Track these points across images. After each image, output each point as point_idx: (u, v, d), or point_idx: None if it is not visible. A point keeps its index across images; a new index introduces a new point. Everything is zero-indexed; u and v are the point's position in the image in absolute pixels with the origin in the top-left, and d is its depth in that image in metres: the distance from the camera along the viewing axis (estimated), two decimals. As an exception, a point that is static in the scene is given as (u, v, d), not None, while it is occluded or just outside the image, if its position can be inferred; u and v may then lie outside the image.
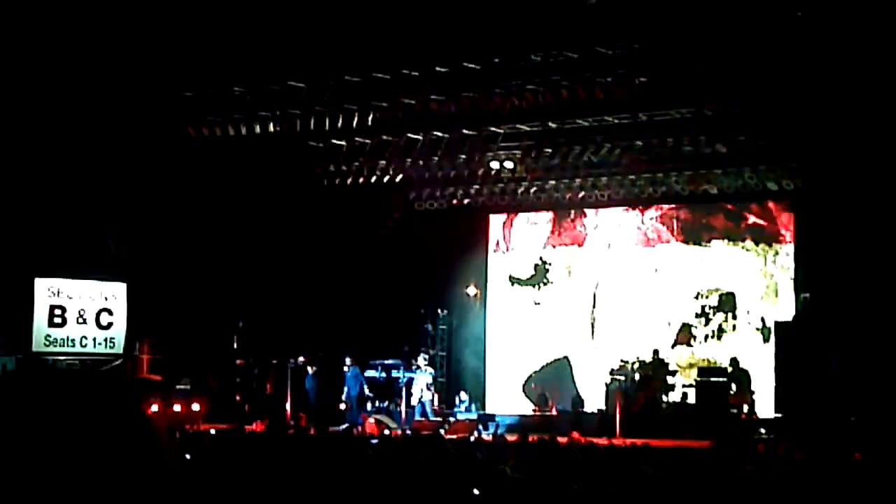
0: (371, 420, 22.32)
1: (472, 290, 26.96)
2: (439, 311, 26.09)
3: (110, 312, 20.68)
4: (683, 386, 22.73)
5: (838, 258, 21.44)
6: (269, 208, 23.37)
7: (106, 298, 20.66)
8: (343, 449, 12.80)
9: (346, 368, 23.72)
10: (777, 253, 24.34)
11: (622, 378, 22.85)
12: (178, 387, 21.96)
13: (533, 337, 26.40)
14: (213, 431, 15.94)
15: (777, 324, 20.86)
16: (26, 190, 19.73)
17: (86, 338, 20.60)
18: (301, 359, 23.53)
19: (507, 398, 26.04)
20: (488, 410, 25.05)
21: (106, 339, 20.68)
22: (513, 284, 26.97)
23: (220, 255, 22.96)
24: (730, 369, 22.25)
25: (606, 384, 23.17)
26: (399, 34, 17.78)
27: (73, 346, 20.48)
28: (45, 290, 20.36)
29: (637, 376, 22.78)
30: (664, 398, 22.58)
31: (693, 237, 25.21)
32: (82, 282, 20.67)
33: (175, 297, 21.89)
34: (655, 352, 23.34)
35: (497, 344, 26.85)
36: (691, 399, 22.21)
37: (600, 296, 25.89)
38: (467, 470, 8.83)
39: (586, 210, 26.13)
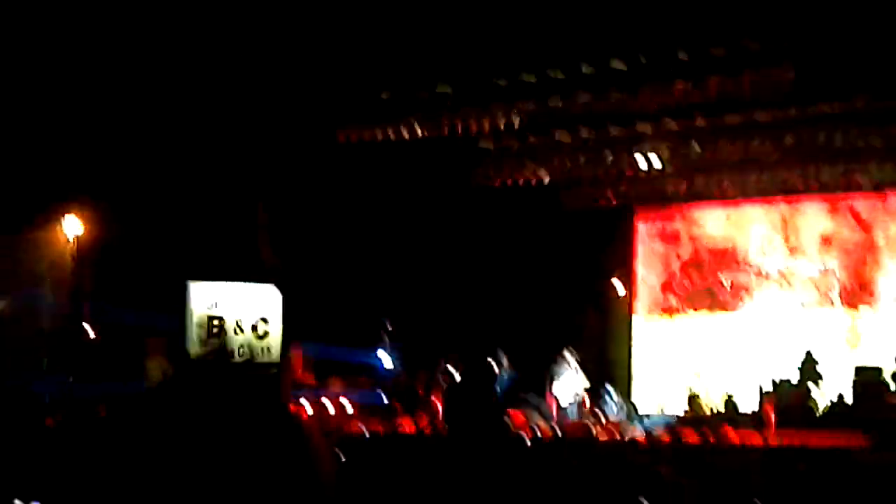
0: (519, 416, 22.33)
1: (620, 290, 26.82)
2: (589, 309, 25.98)
3: (266, 321, 21.02)
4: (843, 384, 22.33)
5: None
6: (418, 213, 23.57)
7: (262, 306, 21.00)
8: (498, 451, 12.87)
9: (502, 370, 23.77)
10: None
11: (777, 379, 22.54)
12: (329, 387, 22.29)
13: (682, 339, 26.21)
14: (366, 433, 16.16)
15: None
16: (184, 200, 20.21)
17: (242, 346, 20.99)
18: (451, 360, 23.67)
19: (657, 398, 25.85)
20: (639, 411, 24.92)
21: (262, 349, 21.03)
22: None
23: (369, 259, 23.24)
24: (886, 369, 21.83)
25: (760, 386, 22.89)
26: (544, 34, 17.82)
27: (232, 356, 20.85)
28: (202, 298, 20.75)
29: (792, 378, 22.46)
30: (816, 398, 22.21)
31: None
32: (237, 286, 21.04)
33: (326, 301, 22.21)
34: (808, 353, 22.96)
35: (645, 344, 26.68)
36: (848, 399, 21.82)
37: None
38: (620, 472, 8.83)
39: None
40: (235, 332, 21.14)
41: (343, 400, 22.17)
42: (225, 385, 2.30)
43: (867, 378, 21.66)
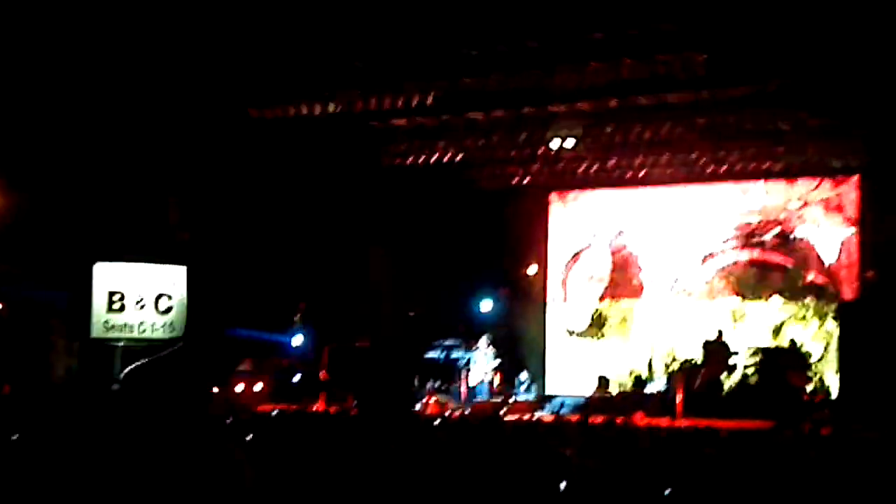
0: (432, 400, 22.37)
1: (532, 270, 26.90)
2: (500, 291, 25.99)
3: (169, 297, 20.82)
4: (745, 367, 22.56)
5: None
6: (329, 190, 23.38)
7: (165, 283, 20.80)
8: (407, 430, 12.79)
9: (406, 350, 23.81)
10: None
11: (684, 359, 22.75)
12: (239, 368, 22.12)
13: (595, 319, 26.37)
14: (275, 412, 15.98)
15: (840, 304, 20.63)
16: (85, 175, 19.87)
17: (144, 322, 20.76)
18: (360, 341, 23.59)
19: (568, 379, 25.98)
20: (549, 391, 25.03)
21: (165, 324, 20.83)
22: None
23: (279, 237, 23.03)
24: (789, 351, 22.11)
25: (667, 364, 23.08)
26: (460, 13, 17.68)
27: (132, 331, 20.65)
28: (104, 276, 20.52)
29: (700, 357, 22.67)
30: (725, 379, 22.43)
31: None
32: (141, 266, 20.82)
33: (235, 280, 21.98)
34: (720, 332, 23.18)
35: (558, 324, 26.79)
36: (752, 380, 22.06)
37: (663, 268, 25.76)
38: (526, 452, 8.78)
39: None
40: (137, 308, 20.85)
41: (251, 378, 22.03)
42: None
43: (770, 359, 21.92)
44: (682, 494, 7.24)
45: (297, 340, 23.96)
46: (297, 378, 23.26)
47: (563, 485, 7.05)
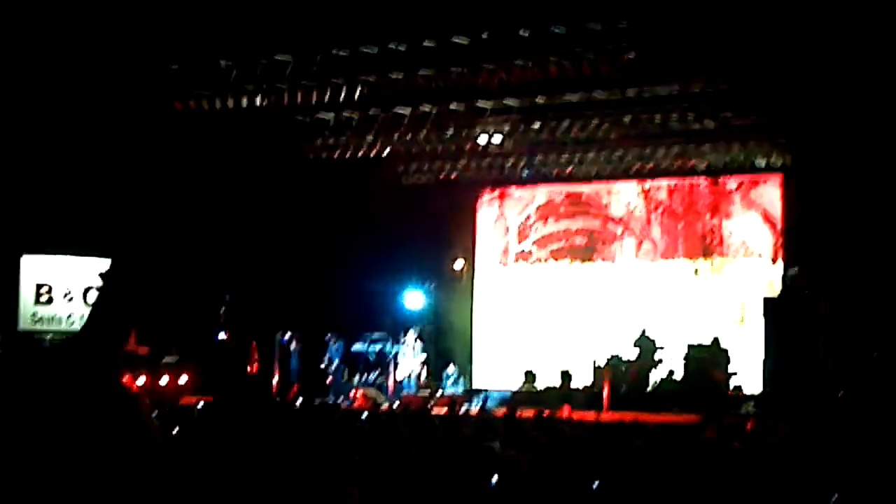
0: (359, 394, 22.33)
1: (459, 265, 26.95)
2: (427, 285, 26.00)
3: (98, 289, 20.66)
4: (670, 363, 22.76)
5: (826, 233, 21.50)
6: (256, 183, 23.26)
7: (93, 276, 20.63)
8: (332, 422, 12.74)
9: (330, 343, 23.79)
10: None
11: (611, 355, 22.88)
12: (165, 360, 21.94)
13: (522, 314, 26.46)
14: (200, 404, 15.87)
15: (766, 300, 20.85)
16: (11, 167, 19.62)
17: (72, 315, 20.63)
18: (287, 333, 23.50)
19: (494, 373, 26.07)
20: (476, 385, 25.09)
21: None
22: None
23: (206, 229, 22.87)
24: (712, 347, 22.34)
25: (594, 360, 23.19)
26: (386, 8, 17.67)
27: (60, 323, 20.50)
28: (32, 268, 20.36)
29: (627, 355, 22.83)
30: (651, 374, 22.59)
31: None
32: (69, 259, 20.66)
33: (161, 271, 21.77)
34: (643, 329, 23.37)
35: (484, 318, 26.88)
36: (677, 376, 22.25)
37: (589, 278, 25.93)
38: (454, 446, 8.79)
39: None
40: (65, 301, 20.73)
41: (177, 370, 21.86)
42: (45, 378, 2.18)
43: (697, 355, 22.11)
44: (610, 487, 7.29)
45: (222, 335, 23.80)
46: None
47: (493, 479, 7.07)
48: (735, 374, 22.07)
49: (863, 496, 6.94)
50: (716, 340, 22.43)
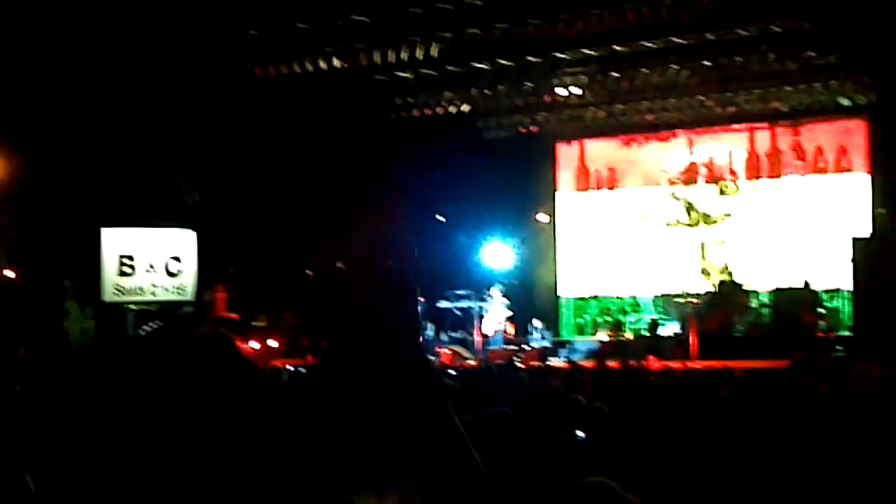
0: (445, 350, 22.43)
1: (542, 218, 26.93)
2: (511, 240, 25.98)
3: (179, 260, 20.98)
4: (756, 307, 22.61)
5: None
6: (339, 147, 23.35)
7: (175, 247, 20.96)
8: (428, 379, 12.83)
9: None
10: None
11: (697, 300, 22.78)
12: (253, 324, 22.20)
13: (605, 256, 26.45)
14: (290, 368, 16.08)
15: (854, 240, 20.60)
16: (91, 139, 19.87)
17: (156, 286, 20.92)
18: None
19: (582, 324, 26.12)
20: (562, 338, 25.11)
21: (176, 287, 20.99)
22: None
23: (290, 195, 23.03)
24: (801, 290, 22.16)
25: (680, 305, 23.12)
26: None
27: (143, 294, 20.82)
28: (113, 241, 20.65)
29: (712, 298, 22.73)
30: (738, 320, 22.48)
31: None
32: (149, 231, 20.95)
33: (247, 240, 22.03)
34: (729, 273, 23.25)
35: (569, 271, 26.87)
36: (765, 320, 22.13)
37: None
38: (540, 398, 8.83)
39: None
40: (147, 272, 21.04)
41: (266, 334, 22.12)
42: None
43: (785, 300, 21.95)
44: (698, 435, 7.29)
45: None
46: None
47: (579, 433, 7.09)
48: (826, 315, 21.90)
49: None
50: (805, 283, 22.26)
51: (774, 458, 6.13)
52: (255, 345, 21.62)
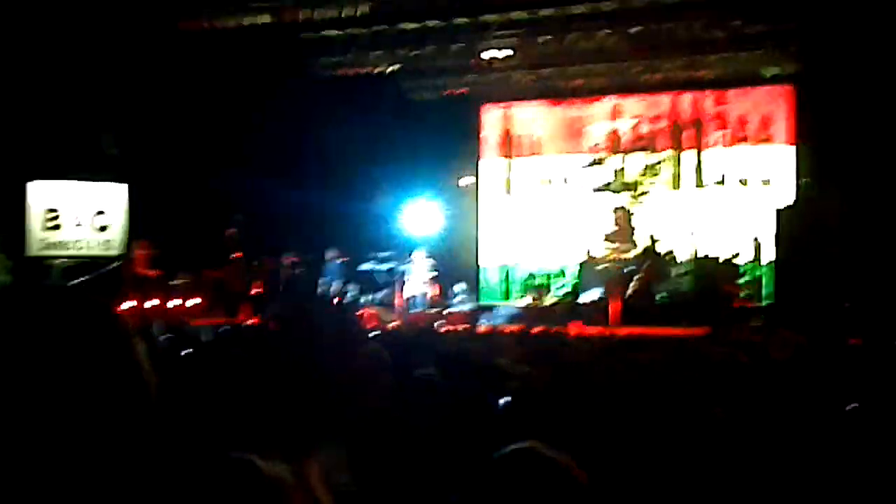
0: (369, 311, 22.37)
1: (465, 181, 26.92)
2: (435, 203, 25.92)
3: (106, 214, 20.73)
4: (678, 276, 22.77)
5: (839, 144, 21.39)
6: (263, 102, 23.14)
7: (104, 201, 20.69)
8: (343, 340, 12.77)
9: (331, 260, 23.78)
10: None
11: (618, 266, 22.89)
12: (175, 282, 21.99)
13: (527, 223, 26.49)
14: (225, 327, 15.93)
15: (778, 211, 20.77)
16: (14, 93, 19.51)
17: (82, 240, 20.65)
18: (292, 256, 23.48)
19: (503, 288, 26.17)
20: (484, 302, 25.13)
21: (103, 242, 20.74)
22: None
23: (215, 151, 22.81)
24: (722, 260, 22.38)
25: (601, 271, 23.21)
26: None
27: (69, 249, 20.54)
28: (40, 194, 20.34)
29: (634, 265, 22.85)
30: (660, 287, 22.62)
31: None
32: (77, 184, 20.65)
33: (172, 196, 21.80)
34: (652, 240, 23.39)
35: (491, 235, 26.90)
36: (686, 288, 22.29)
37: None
38: (461, 362, 8.79)
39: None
40: (76, 227, 20.76)
41: (187, 292, 21.92)
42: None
43: (705, 268, 22.14)
44: (617, 402, 7.30)
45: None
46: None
47: (503, 399, 7.06)
48: (745, 285, 22.13)
49: (875, 406, 6.94)
50: (729, 254, 22.47)
51: (695, 424, 6.15)
52: (176, 302, 21.43)
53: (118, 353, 2.09)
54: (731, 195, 24.55)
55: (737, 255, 22.66)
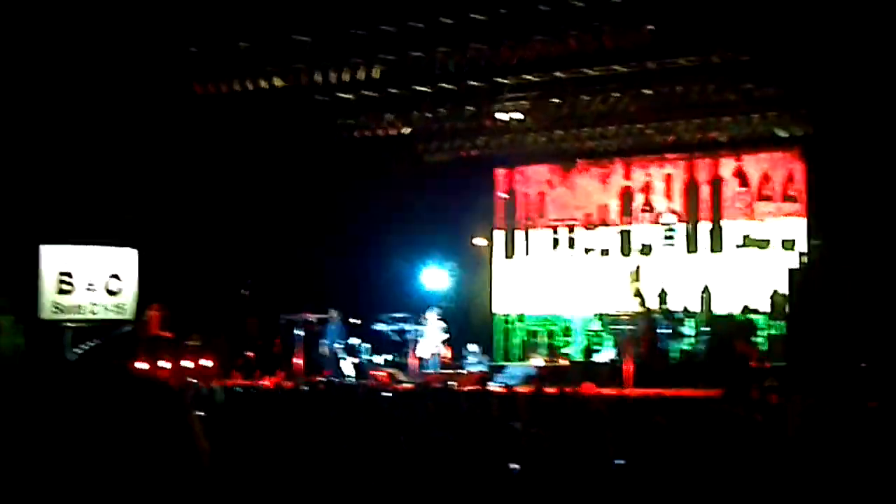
0: (381, 373, 22.37)
1: (479, 242, 26.98)
2: (448, 264, 25.98)
3: (119, 278, 20.83)
4: (691, 335, 22.72)
5: (850, 205, 21.42)
6: (277, 165, 23.29)
7: (115, 265, 20.80)
8: (354, 400, 12.78)
9: (333, 321, 23.70)
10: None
11: (631, 326, 22.85)
12: (188, 343, 22.04)
13: (541, 286, 26.50)
14: (238, 388, 15.98)
15: (791, 271, 20.76)
16: (29, 156, 19.65)
17: (95, 304, 20.76)
18: (309, 315, 23.49)
19: (516, 349, 26.15)
20: (498, 362, 25.10)
21: (116, 306, 20.83)
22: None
23: (227, 213, 22.93)
24: (736, 319, 22.36)
25: (615, 333, 23.19)
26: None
27: (82, 312, 20.63)
28: (53, 258, 20.45)
29: (645, 324, 22.81)
30: (672, 347, 22.57)
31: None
32: (90, 248, 20.77)
33: (186, 259, 21.91)
34: (663, 299, 23.39)
35: (505, 296, 26.92)
36: (701, 347, 22.25)
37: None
38: (476, 422, 8.80)
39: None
40: (87, 290, 20.86)
41: (201, 354, 21.96)
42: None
43: (719, 328, 22.10)
44: (634, 463, 7.29)
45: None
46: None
47: (515, 463, 7.07)
48: (760, 345, 22.07)
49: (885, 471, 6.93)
50: (743, 309, 22.44)
51: (713, 487, 6.14)
52: (188, 364, 21.46)
53: (179, 426, 2.14)
54: (747, 257, 24.52)
55: (751, 313, 22.62)
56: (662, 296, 23.55)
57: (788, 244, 23.92)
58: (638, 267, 24.73)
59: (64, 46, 18.02)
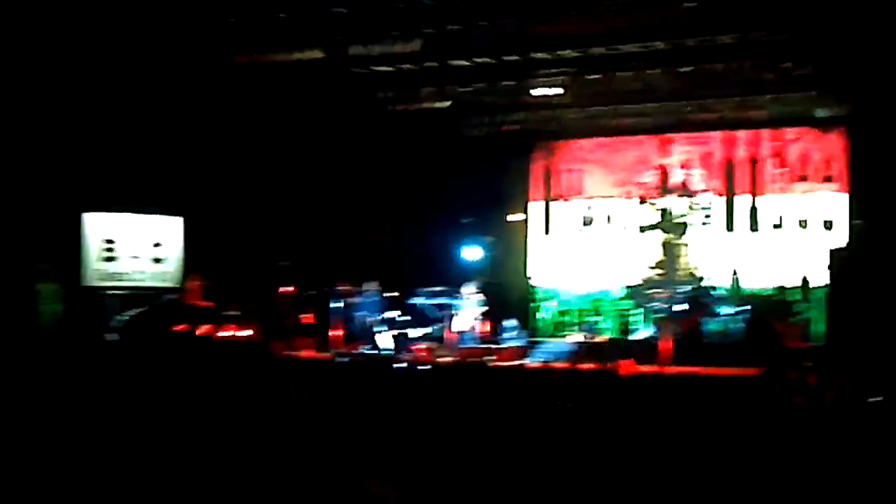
0: (421, 346, 22.41)
1: (516, 217, 26.96)
2: (486, 238, 25.98)
3: (163, 247, 20.99)
4: (728, 314, 22.65)
5: (892, 186, 21.30)
6: (316, 137, 23.33)
7: (160, 233, 20.96)
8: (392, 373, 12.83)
9: (369, 294, 23.74)
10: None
11: (672, 305, 22.80)
12: (227, 313, 22.15)
13: (577, 260, 26.47)
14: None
15: (831, 251, 20.66)
16: (72, 125, 19.78)
17: (139, 272, 20.94)
18: (344, 287, 23.54)
19: (553, 324, 26.11)
20: (535, 338, 25.08)
21: (160, 274, 21.00)
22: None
23: (268, 185, 23.02)
24: (774, 299, 22.26)
25: (652, 311, 23.15)
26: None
27: (125, 280, 20.80)
28: (96, 225, 20.60)
29: (685, 302, 22.76)
30: (710, 325, 22.52)
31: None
32: (133, 216, 20.92)
33: (229, 228, 22.04)
34: (699, 279, 23.30)
35: (541, 271, 26.89)
36: (738, 326, 22.17)
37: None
38: (512, 397, 8.83)
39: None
40: (132, 258, 21.04)
41: (240, 323, 22.06)
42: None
43: (757, 308, 22.02)
44: (669, 441, 7.29)
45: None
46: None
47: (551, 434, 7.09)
48: (799, 325, 21.97)
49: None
50: (780, 290, 22.33)
51: (750, 467, 6.15)
52: (227, 333, 21.59)
53: (277, 385, 2.20)
54: (785, 237, 24.41)
55: (789, 292, 22.53)
56: (698, 274, 23.49)
57: (828, 224, 23.79)
58: (674, 244, 24.65)
59: (108, 17, 18.10)
